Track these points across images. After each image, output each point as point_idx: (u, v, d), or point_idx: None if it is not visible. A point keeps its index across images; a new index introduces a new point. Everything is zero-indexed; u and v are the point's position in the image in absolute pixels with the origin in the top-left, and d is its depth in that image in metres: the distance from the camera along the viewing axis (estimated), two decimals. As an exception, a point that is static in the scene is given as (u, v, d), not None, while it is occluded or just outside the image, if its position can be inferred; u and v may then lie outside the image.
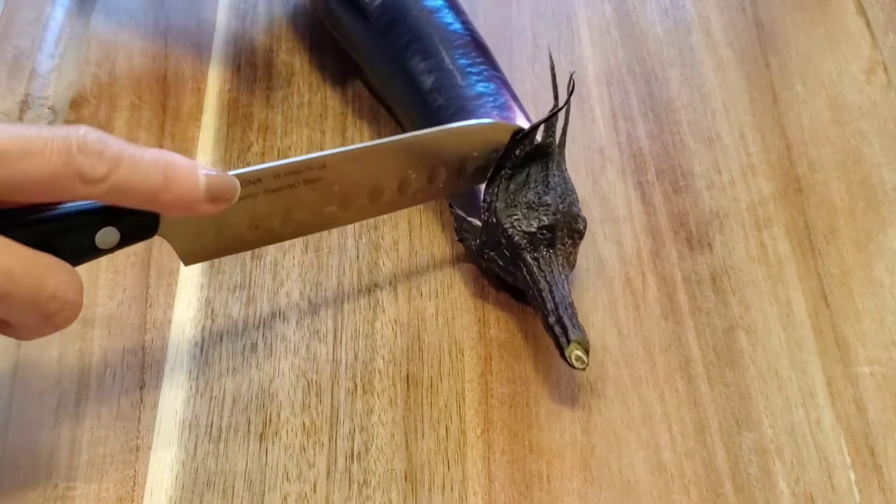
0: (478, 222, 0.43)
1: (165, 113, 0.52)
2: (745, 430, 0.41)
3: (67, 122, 0.51)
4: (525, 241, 0.42)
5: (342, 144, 0.50)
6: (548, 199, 0.42)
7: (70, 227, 0.35)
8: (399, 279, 0.45)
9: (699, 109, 0.51)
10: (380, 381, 0.42)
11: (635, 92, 0.51)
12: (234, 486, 0.40)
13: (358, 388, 0.42)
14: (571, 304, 0.41)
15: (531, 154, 0.43)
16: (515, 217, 0.42)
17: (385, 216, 0.47)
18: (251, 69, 0.53)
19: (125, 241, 0.36)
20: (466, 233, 0.44)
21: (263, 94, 0.52)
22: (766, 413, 0.41)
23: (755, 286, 0.45)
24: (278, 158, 0.49)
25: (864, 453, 0.40)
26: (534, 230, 0.42)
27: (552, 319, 0.40)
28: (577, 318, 0.41)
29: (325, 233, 0.47)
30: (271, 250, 0.46)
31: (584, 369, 0.40)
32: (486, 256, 0.43)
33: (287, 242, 0.46)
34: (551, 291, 0.41)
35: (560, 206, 0.42)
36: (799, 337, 0.43)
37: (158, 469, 0.40)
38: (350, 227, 0.47)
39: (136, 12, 0.56)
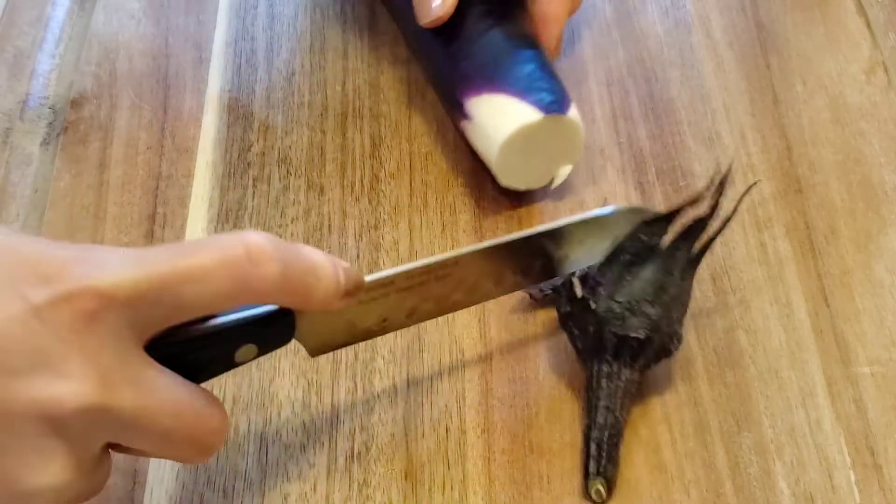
0: (578, 288, 0.41)
1: (166, 113, 0.52)
2: (745, 430, 0.41)
3: (68, 122, 0.51)
4: (611, 342, 0.39)
5: (342, 145, 0.50)
6: (653, 311, 0.39)
7: (212, 346, 0.34)
8: (399, 279, 0.45)
9: (699, 110, 0.51)
10: (380, 380, 0.42)
11: (635, 92, 0.51)
12: (234, 486, 0.40)
13: (358, 388, 0.42)
14: (619, 434, 0.39)
15: (659, 251, 0.40)
16: (613, 313, 0.39)
17: (385, 216, 0.47)
18: (251, 69, 0.53)
19: (261, 353, 0.36)
20: (560, 289, 0.42)
21: (264, 94, 0.52)
22: (766, 413, 0.41)
23: (755, 286, 0.45)
24: (279, 158, 0.50)
25: (864, 453, 0.40)
26: (624, 335, 0.39)
27: (593, 437, 0.39)
28: (617, 450, 0.39)
29: (325, 232, 0.47)
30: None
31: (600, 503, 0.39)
32: (567, 325, 0.41)
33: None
34: (606, 410, 0.39)
35: (663, 324, 0.39)
36: (799, 337, 0.43)
37: (159, 468, 0.40)
38: (350, 227, 0.47)
39: (136, 12, 0.56)
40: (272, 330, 0.35)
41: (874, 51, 0.53)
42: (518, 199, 0.48)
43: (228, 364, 0.35)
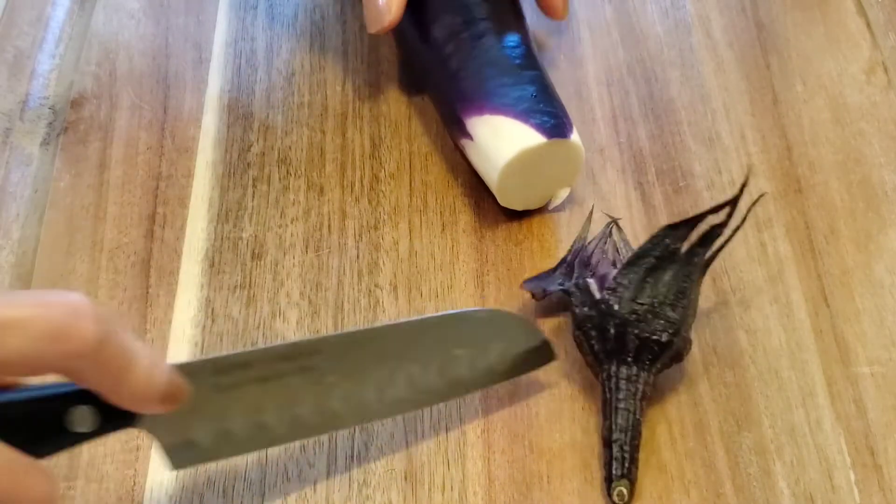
0: (595, 290, 0.41)
1: (165, 113, 0.52)
2: (745, 430, 0.41)
3: (68, 122, 0.51)
4: (633, 344, 0.39)
5: (342, 145, 0.50)
6: (674, 314, 0.39)
7: (40, 408, 0.32)
8: (399, 279, 0.45)
9: (699, 110, 0.51)
10: (380, 380, 0.42)
11: (635, 92, 0.51)
12: (234, 486, 0.40)
13: (358, 387, 0.42)
14: (639, 435, 0.39)
15: (679, 256, 0.40)
16: (636, 316, 0.39)
17: (385, 217, 0.47)
18: (251, 69, 0.53)
19: (104, 426, 0.33)
20: (575, 291, 0.41)
21: (263, 94, 0.52)
22: (766, 413, 0.41)
23: (755, 286, 0.45)
24: (278, 158, 0.49)
25: (864, 453, 0.40)
26: (647, 337, 0.39)
27: (614, 440, 0.39)
28: (637, 452, 0.39)
29: (325, 232, 0.47)
30: (271, 250, 0.46)
31: None
32: (584, 327, 0.40)
33: (287, 242, 0.46)
34: (627, 412, 0.39)
35: (682, 328, 0.40)
36: (799, 337, 0.43)
37: (159, 469, 0.40)
38: (350, 227, 0.47)
39: (136, 12, 0.56)
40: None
41: (874, 51, 0.53)
42: (518, 199, 0.48)
43: (62, 430, 0.32)
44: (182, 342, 0.44)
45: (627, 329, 0.39)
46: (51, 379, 0.32)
